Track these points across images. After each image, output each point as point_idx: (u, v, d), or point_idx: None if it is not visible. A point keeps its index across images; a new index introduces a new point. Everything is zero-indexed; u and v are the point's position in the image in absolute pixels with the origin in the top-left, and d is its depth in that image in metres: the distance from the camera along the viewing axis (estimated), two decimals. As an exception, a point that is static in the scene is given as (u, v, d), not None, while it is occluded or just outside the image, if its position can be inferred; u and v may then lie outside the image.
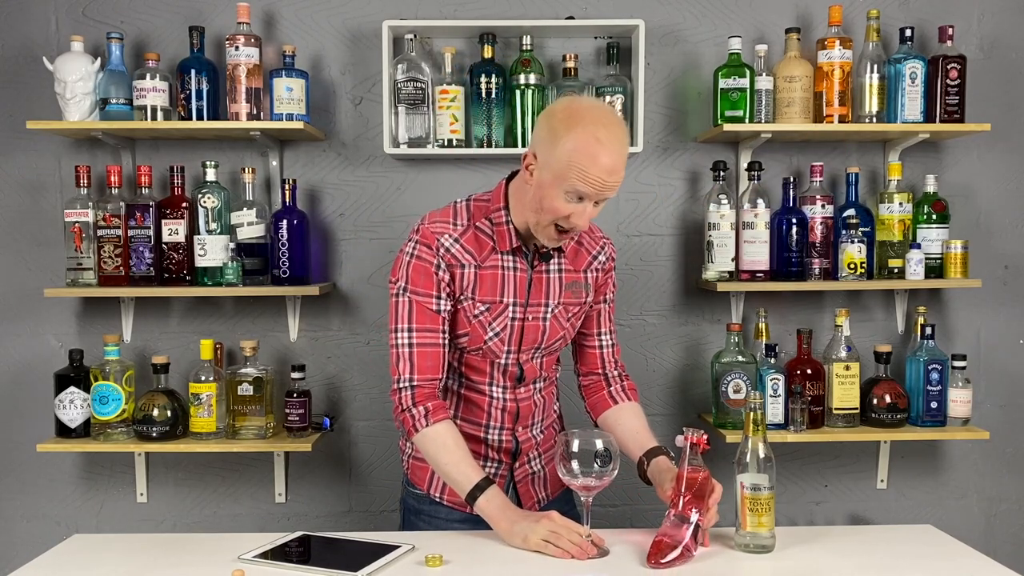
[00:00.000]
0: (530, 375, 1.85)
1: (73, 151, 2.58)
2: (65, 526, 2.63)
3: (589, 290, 1.86)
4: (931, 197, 2.53)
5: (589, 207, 1.65)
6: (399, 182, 2.60)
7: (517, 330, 1.78)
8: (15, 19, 2.55)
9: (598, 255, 1.87)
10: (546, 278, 1.80)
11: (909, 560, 1.64)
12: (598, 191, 1.62)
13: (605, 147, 1.59)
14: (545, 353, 1.86)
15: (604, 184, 1.61)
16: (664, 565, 1.56)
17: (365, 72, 2.59)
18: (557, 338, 1.84)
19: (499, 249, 1.76)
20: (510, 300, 1.76)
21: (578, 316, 1.87)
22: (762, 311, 2.55)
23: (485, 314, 1.76)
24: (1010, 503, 2.73)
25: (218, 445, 2.40)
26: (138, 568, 1.61)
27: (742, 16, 2.60)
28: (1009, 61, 2.63)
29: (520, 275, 1.77)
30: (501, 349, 1.79)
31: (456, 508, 1.85)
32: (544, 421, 1.92)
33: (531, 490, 1.90)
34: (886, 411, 2.45)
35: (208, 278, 2.43)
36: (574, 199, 1.63)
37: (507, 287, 1.76)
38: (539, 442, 1.91)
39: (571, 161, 1.59)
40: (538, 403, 1.89)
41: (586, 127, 1.59)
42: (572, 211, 1.64)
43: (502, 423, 1.85)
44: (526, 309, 1.78)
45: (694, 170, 2.63)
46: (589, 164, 1.59)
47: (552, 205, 1.63)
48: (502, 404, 1.84)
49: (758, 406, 1.65)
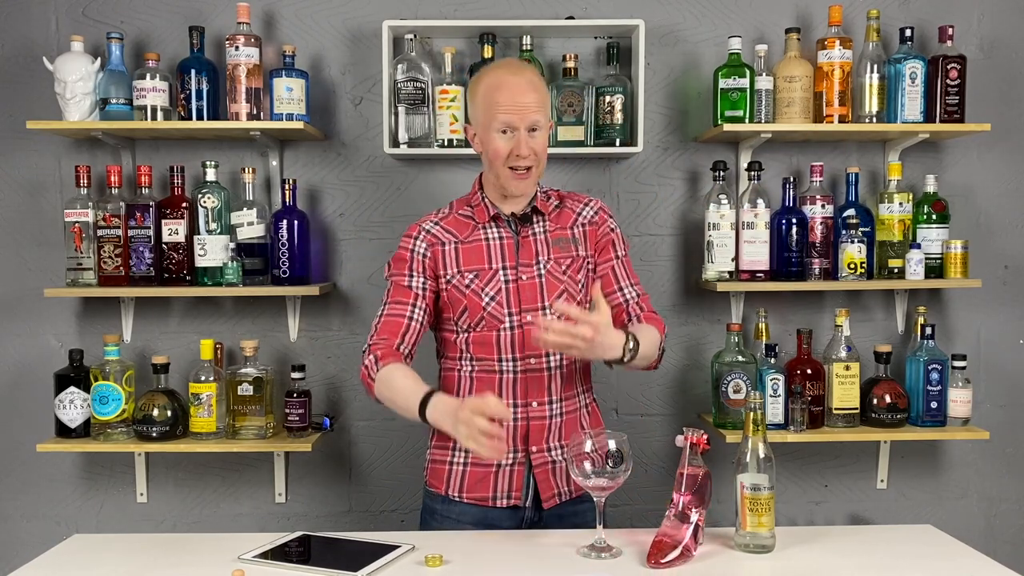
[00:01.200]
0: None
1: (73, 151, 2.58)
2: (65, 526, 2.63)
3: (579, 244, 1.91)
4: (931, 197, 2.53)
5: (523, 135, 1.80)
6: (399, 182, 2.60)
7: (513, 292, 1.85)
8: (15, 19, 2.55)
9: (582, 211, 1.95)
10: (533, 239, 1.89)
11: (909, 560, 1.64)
12: (519, 114, 1.79)
13: (508, 75, 1.83)
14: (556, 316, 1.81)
15: (521, 105, 1.79)
16: (664, 565, 1.56)
17: (365, 72, 2.59)
18: (558, 292, 1.86)
19: (480, 222, 1.89)
20: (499, 265, 1.86)
21: (575, 269, 1.89)
22: (762, 311, 2.55)
23: (475, 281, 1.84)
24: (1010, 503, 2.73)
25: (218, 445, 2.40)
26: (138, 568, 1.61)
27: (742, 16, 2.60)
28: (1009, 61, 2.63)
29: (507, 241, 1.88)
30: (502, 313, 1.84)
31: (475, 504, 1.86)
32: (565, 401, 1.88)
33: (551, 481, 1.87)
34: (886, 411, 2.45)
35: (208, 278, 2.43)
36: (505, 133, 1.80)
37: (494, 254, 1.87)
38: (561, 428, 1.88)
39: (486, 101, 1.81)
40: (555, 376, 1.87)
41: (490, 71, 1.87)
42: (511, 144, 1.80)
43: (513, 399, 1.85)
44: (517, 271, 1.86)
45: (694, 170, 2.63)
46: (499, 93, 1.80)
47: (494, 148, 1.81)
48: (512, 377, 1.85)
49: (758, 406, 1.65)
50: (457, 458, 1.88)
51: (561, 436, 1.89)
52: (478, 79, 1.87)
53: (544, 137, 1.85)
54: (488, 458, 1.67)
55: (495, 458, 1.70)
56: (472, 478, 1.87)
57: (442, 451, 1.91)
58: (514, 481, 1.86)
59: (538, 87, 1.84)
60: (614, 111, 2.46)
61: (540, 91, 1.84)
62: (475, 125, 1.87)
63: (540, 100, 1.83)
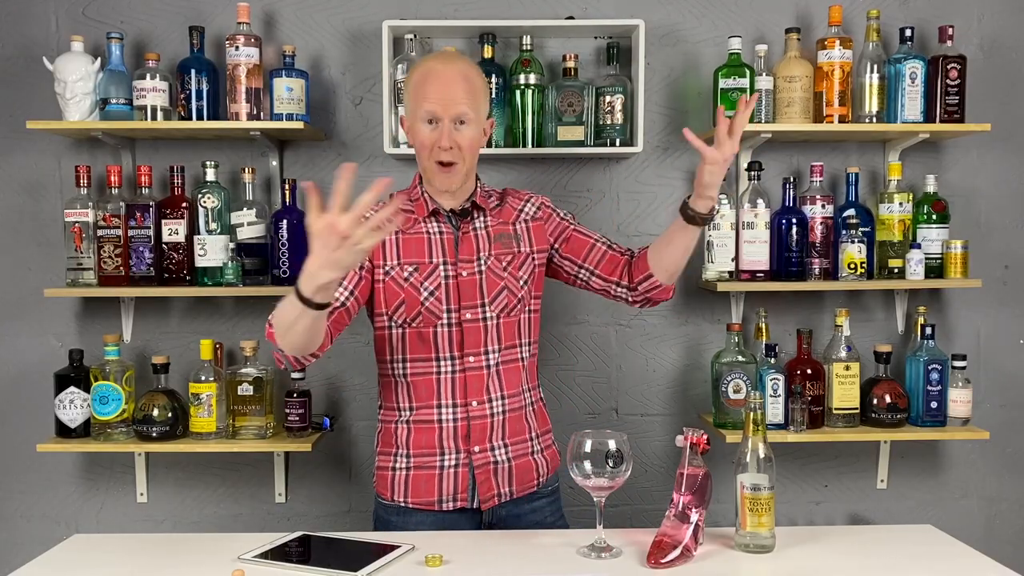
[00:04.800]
0: (474, 338, 1.83)
1: (73, 151, 2.58)
2: (65, 526, 2.63)
3: (521, 240, 1.91)
4: (931, 197, 2.53)
5: (447, 126, 1.77)
6: (399, 182, 2.60)
7: (453, 288, 1.83)
8: (15, 19, 2.55)
9: (524, 207, 1.95)
10: (473, 235, 1.87)
11: (909, 560, 1.64)
12: (443, 105, 1.76)
13: (438, 64, 1.80)
14: (495, 313, 1.84)
15: (447, 96, 1.75)
16: (664, 565, 1.56)
17: (365, 72, 2.59)
18: (498, 289, 1.85)
19: (419, 216, 1.86)
20: (439, 260, 1.83)
21: (516, 266, 1.88)
22: (762, 311, 2.55)
23: (415, 275, 1.81)
24: (1010, 503, 2.73)
25: (218, 445, 2.40)
26: (138, 568, 1.61)
27: (742, 16, 2.60)
28: (1009, 61, 2.63)
29: (447, 237, 1.86)
30: (440, 308, 1.81)
31: (422, 509, 1.85)
32: (508, 399, 1.87)
33: (492, 481, 1.86)
34: (886, 411, 2.45)
35: (208, 278, 2.43)
36: (429, 123, 1.78)
37: (434, 248, 1.84)
38: (503, 426, 1.86)
39: (415, 90, 1.80)
40: (493, 375, 1.85)
41: (423, 61, 1.85)
42: (435, 135, 1.77)
43: (453, 399, 1.83)
44: (457, 266, 1.84)
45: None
46: (427, 82, 1.78)
47: (418, 140, 1.80)
48: (450, 378, 1.83)
49: (758, 406, 1.65)
50: (399, 463, 1.87)
51: (505, 435, 1.86)
52: (412, 68, 1.88)
53: (472, 132, 1.80)
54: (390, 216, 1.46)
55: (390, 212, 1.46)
56: (416, 482, 1.85)
57: (385, 457, 1.89)
58: (459, 483, 1.85)
59: (470, 79, 1.80)
60: (614, 111, 2.46)
61: (472, 83, 1.80)
62: (406, 113, 1.86)
63: (470, 92, 1.78)
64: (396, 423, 1.89)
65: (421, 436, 1.86)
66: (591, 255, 1.94)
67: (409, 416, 1.87)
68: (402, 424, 1.88)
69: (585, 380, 2.66)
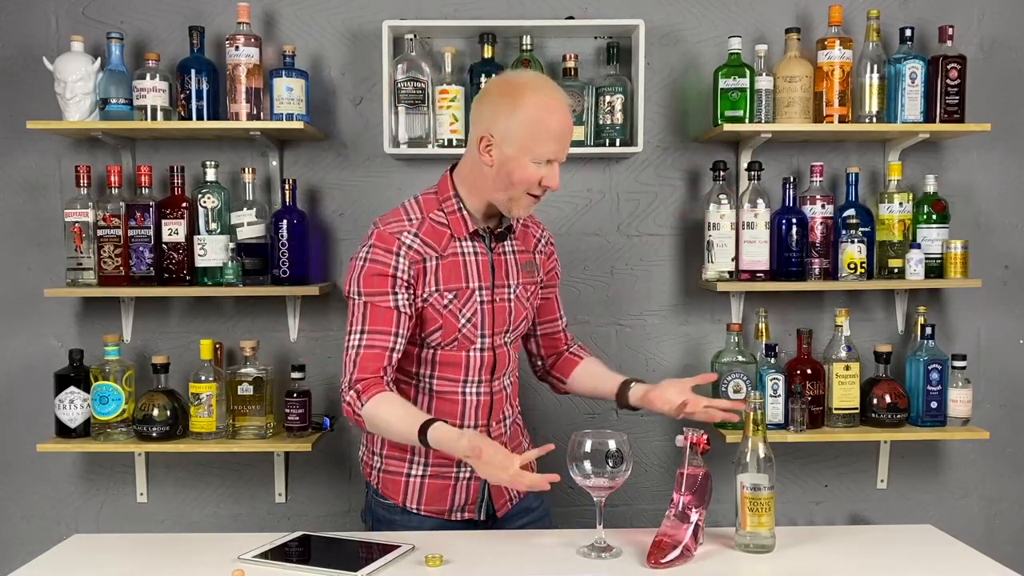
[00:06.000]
0: (502, 363, 1.87)
1: (73, 151, 2.58)
2: (65, 526, 2.63)
3: (539, 270, 1.94)
4: (931, 197, 2.53)
5: (556, 167, 1.75)
6: (399, 182, 2.60)
7: (488, 313, 1.82)
8: (15, 19, 2.55)
9: (540, 237, 1.97)
10: (504, 260, 1.86)
11: (909, 560, 1.64)
12: (560, 149, 1.73)
13: (557, 109, 1.72)
14: (514, 338, 1.90)
15: (564, 142, 1.74)
16: (664, 565, 1.56)
17: (365, 72, 2.59)
18: (522, 318, 1.89)
19: (456, 236, 1.80)
20: (475, 284, 1.81)
21: (535, 296, 1.93)
22: (762, 311, 2.55)
23: (454, 302, 1.79)
24: (1010, 503, 2.73)
25: (218, 445, 2.40)
26: (138, 568, 1.61)
27: (742, 16, 2.60)
28: (1009, 61, 2.63)
29: (482, 259, 1.83)
30: (475, 335, 1.81)
31: (432, 516, 1.85)
32: (511, 416, 1.95)
33: (502, 489, 1.90)
34: (886, 411, 2.45)
35: (208, 278, 2.43)
36: (543, 163, 1.72)
37: (471, 272, 1.81)
38: (508, 439, 1.92)
39: (533, 129, 1.69)
40: (508, 396, 1.92)
41: (535, 95, 1.70)
42: (543, 174, 1.73)
43: (476, 420, 1.85)
44: (493, 291, 1.83)
45: (694, 170, 2.63)
46: (548, 127, 1.70)
47: (524, 175, 1.72)
48: (475, 400, 1.84)
49: (758, 406, 1.65)
50: (415, 470, 1.85)
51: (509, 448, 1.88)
52: (522, 93, 1.70)
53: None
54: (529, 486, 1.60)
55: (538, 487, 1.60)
56: (431, 490, 1.85)
57: (398, 462, 1.86)
58: (470, 495, 1.87)
59: (571, 119, 1.78)
60: (614, 111, 2.46)
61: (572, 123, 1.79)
62: (502, 142, 1.70)
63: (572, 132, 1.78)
64: None
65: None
66: (545, 324, 2.02)
67: None
68: None
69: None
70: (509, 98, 1.70)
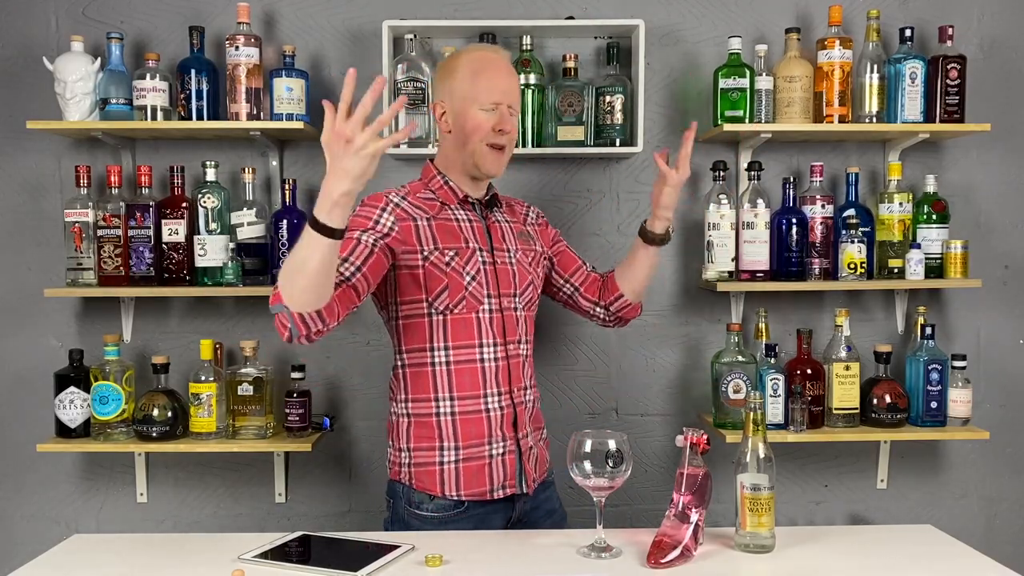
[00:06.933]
0: (512, 325, 1.88)
1: (73, 151, 2.58)
2: (65, 526, 2.63)
3: (536, 240, 2.01)
4: (931, 197, 2.53)
5: (506, 111, 1.83)
6: (399, 182, 2.56)
7: (491, 273, 1.85)
8: (15, 19, 2.55)
9: (528, 212, 2.06)
10: (500, 226, 1.93)
11: (909, 560, 1.64)
12: (504, 92, 1.83)
13: (491, 59, 1.86)
14: (522, 305, 1.91)
15: (506, 84, 1.84)
16: (664, 565, 1.56)
17: (365, 72, 2.57)
18: (527, 283, 1.92)
19: (446, 203, 1.88)
20: (475, 245, 1.85)
21: (536, 263, 1.97)
22: (762, 311, 2.55)
23: (456, 259, 1.82)
24: (1010, 503, 2.73)
25: (218, 445, 2.40)
26: (138, 568, 1.61)
27: (742, 16, 2.60)
28: (1009, 61, 2.63)
29: (476, 224, 1.89)
30: (482, 294, 1.83)
31: (474, 500, 1.84)
32: (531, 386, 1.95)
33: (529, 467, 1.91)
34: (886, 411, 2.45)
35: (208, 278, 2.43)
36: (490, 109, 1.82)
37: (467, 235, 1.86)
38: (531, 411, 1.93)
39: (471, 79, 1.82)
40: (524, 362, 1.92)
41: (470, 52, 1.88)
42: (495, 120, 1.82)
43: (498, 387, 1.85)
44: (493, 254, 1.87)
45: (694, 170, 2.62)
46: (489, 69, 1.83)
47: (475, 123, 1.82)
48: (495, 365, 1.85)
49: (758, 406, 1.65)
50: (447, 456, 1.84)
51: (532, 420, 1.93)
52: (458, 57, 1.89)
53: (516, 122, 1.90)
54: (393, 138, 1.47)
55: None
56: (467, 474, 1.84)
57: (428, 452, 1.85)
58: (507, 469, 1.86)
59: (515, 72, 1.91)
60: (614, 111, 2.46)
61: (516, 77, 1.91)
62: (452, 99, 1.85)
63: (517, 85, 1.90)
64: (437, 415, 1.84)
65: (469, 426, 1.84)
66: (577, 274, 2.09)
67: (452, 406, 1.84)
68: (445, 416, 1.84)
69: (585, 380, 2.66)
70: (448, 66, 1.89)
